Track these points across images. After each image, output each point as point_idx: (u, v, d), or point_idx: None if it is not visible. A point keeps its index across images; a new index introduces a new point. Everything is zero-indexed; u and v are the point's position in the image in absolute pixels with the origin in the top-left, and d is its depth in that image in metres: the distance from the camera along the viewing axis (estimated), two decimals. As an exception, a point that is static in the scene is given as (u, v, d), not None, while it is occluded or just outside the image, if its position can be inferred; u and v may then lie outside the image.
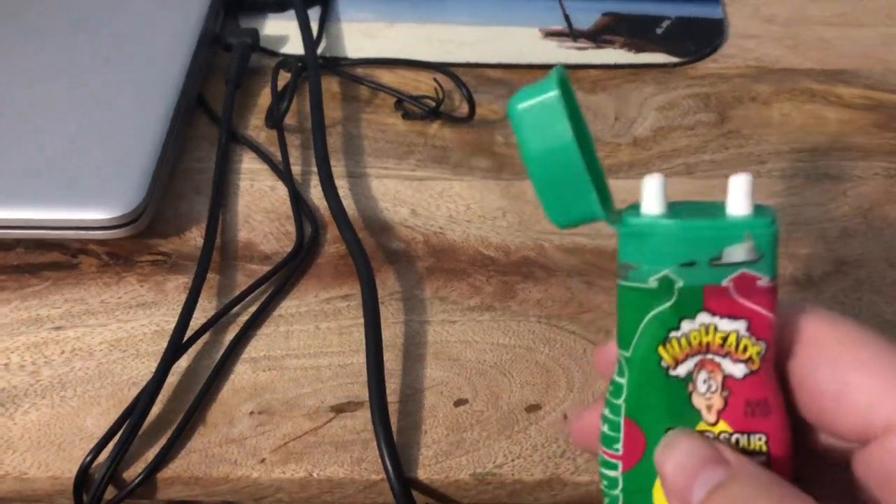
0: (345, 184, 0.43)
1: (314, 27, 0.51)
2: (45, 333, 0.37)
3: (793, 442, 0.24)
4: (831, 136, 0.46)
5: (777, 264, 0.23)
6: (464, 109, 0.47)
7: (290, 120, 0.47)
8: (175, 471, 0.33)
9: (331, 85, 0.49)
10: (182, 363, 0.36)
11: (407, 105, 0.47)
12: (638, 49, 0.51)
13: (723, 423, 0.24)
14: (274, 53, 0.51)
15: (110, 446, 0.33)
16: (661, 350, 0.24)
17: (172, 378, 0.36)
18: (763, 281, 0.23)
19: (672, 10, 0.53)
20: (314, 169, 0.44)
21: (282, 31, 0.52)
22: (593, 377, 0.36)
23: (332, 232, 0.41)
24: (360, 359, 0.36)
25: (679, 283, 0.23)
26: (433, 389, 0.36)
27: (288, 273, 0.39)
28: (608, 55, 0.50)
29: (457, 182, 0.44)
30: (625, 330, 0.24)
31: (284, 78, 0.48)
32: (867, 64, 0.50)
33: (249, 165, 0.44)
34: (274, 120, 0.46)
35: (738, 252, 0.23)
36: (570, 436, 0.33)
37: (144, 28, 0.47)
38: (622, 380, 0.24)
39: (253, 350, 0.37)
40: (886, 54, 0.50)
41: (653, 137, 0.46)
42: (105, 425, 0.34)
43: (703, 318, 0.23)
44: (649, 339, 0.24)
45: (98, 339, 0.37)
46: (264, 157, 0.45)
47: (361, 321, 0.37)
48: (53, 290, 0.39)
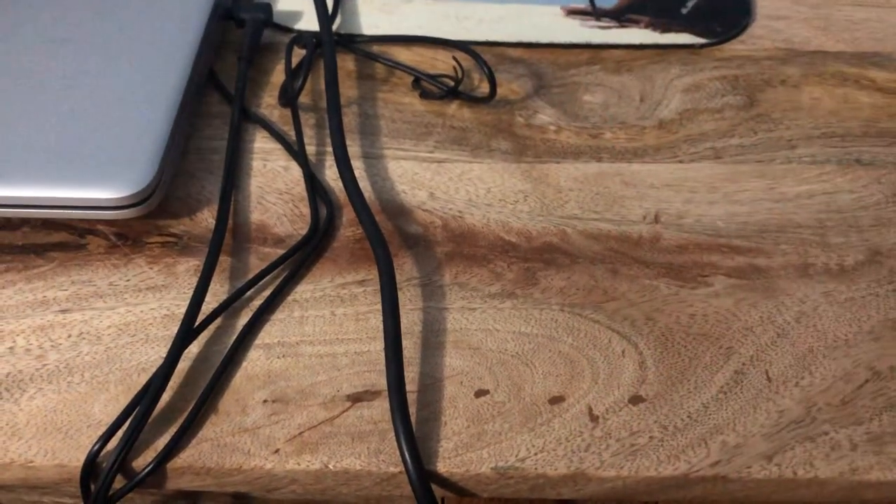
0: (360, 165, 0.42)
1: (329, 2, 0.49)
2: (52, 316, 0.36)
3: None
4: (864, 122, 0.44)
5: None
6: (484, 89, 0.46)
7: (304, 98, 0.45)
8: (186, 460, 0.32)
9: (346, 63, 0.47)
10: (193, 349, 0.35)
11: (425, 84, 0.46)
12: (663, 29, 0.49)
13: None
14: (288, 29, 0.49)
15: (119, 434, 0.32)
16: None
17: (183, 364, 0.35)
18: None
19: (698, -11, 0.51)
20: (329, 149, 0.42)
21: (296, 7, 0.50)
22: (618, 368, 0.35)
23: (348, 214, 0.40)
24: (378, 346, 0.35)
25: None
26: (453, 379, 0.34)
27: (303, 256, 0.38)
28: (633, 35, 0.49)
29: (476, 164, 0.42)
30: None
31: (298, 55, 0.47)
32: (900, 47, 0.48)
33: (262, 145, 0.43)
34: (288, 98, 0.44)
35: None
36: None
37: (155, 3, 0.46)
38: None
39: (266, 336, 0.36)
40: (920, 37, 0.49)
41: (678, 120, 0.44)
42: (113, 412, 0.33)
43: None
44: None
45: (106, 323, 0.36)
46: (278, 137, 0.43)
47: (379, 307, 0.36)
48: (60, 272, 0.38)
